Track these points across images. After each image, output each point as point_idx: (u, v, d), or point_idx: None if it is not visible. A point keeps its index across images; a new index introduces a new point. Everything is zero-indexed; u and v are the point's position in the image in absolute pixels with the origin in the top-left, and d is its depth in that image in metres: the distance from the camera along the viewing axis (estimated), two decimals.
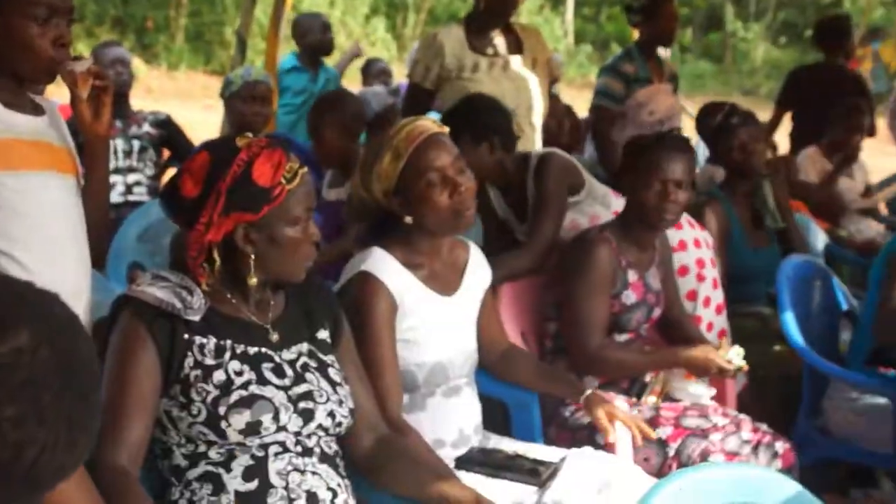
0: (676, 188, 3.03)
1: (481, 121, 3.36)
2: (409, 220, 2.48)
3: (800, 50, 21.36)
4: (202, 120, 10.25)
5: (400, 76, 8.67)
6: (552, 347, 3.19)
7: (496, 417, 2.88)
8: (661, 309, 3.24)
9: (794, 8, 23.70)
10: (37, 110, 2.33)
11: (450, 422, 2.56)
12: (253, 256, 2.02)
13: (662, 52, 5.11)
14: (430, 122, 2.55)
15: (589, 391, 2.72)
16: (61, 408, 0.93)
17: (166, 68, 17.14)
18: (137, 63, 11.35)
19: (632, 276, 3.11)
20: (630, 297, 3.10)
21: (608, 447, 2.64)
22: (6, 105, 2.22)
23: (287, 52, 6.96)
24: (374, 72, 7.78)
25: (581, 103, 6.96)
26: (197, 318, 2.01)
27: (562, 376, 2.86)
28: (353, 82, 8.34)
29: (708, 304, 3.63)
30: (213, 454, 1.97)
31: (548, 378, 2.84)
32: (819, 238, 5.11)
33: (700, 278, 3.60)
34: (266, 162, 1.99)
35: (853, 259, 5.22)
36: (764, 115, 5.62)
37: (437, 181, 2.44)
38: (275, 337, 2.09)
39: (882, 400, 3.41)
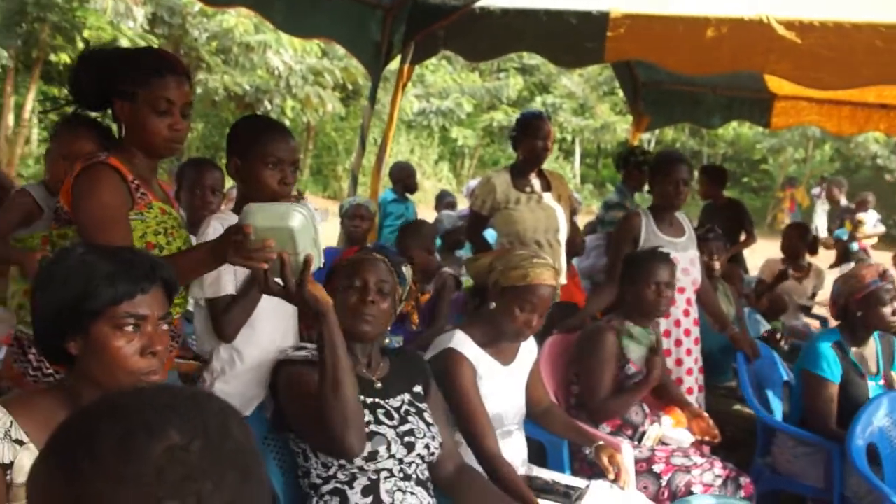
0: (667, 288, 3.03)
1: None
2: (493, 306, 2.47)
3: (737, 192, 20.99)
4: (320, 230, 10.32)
5: (460, 204, 8.74)
6: (574, 403, 3.12)
7: (536, 453, 2.82)
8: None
9: (730, 162, 22.98)
10: None
11: (505, 456, 2.48)
12: None
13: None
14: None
15: (599, 443, 2.63)
16: (224, 493, 0.71)
17: None
18: None
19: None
20: (630, 368, 3.05)
21: (617, 478, 2.55)
22: None
23: (383, 187, 7.01)
24: (444, 201, 7.98)
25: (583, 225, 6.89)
26: None
27: (583, 431, 2.74)
28: (429, 207, 8.39)
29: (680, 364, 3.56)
30: (341, 475, 1.94)
31: (573, 432, 2.75)
32: (762, 327, 5.01)
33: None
34: None
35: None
36: None
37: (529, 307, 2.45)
38: (378, 385, 2.05)
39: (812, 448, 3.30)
